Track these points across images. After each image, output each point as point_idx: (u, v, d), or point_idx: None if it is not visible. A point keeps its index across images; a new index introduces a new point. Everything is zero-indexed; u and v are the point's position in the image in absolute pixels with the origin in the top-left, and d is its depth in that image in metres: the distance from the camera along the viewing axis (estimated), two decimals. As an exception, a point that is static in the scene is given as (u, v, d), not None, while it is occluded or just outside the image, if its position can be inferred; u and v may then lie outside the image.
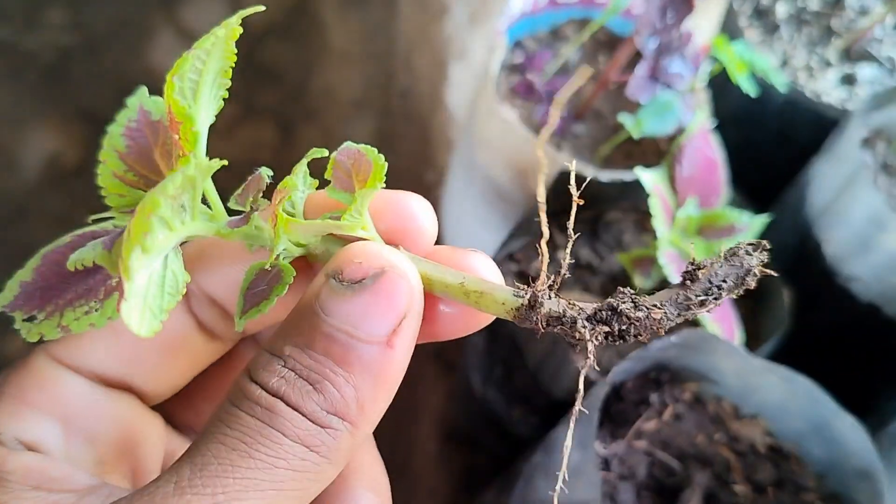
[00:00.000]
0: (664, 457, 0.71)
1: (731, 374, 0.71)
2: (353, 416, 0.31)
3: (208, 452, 0.29)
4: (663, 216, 0.76)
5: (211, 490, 0.28)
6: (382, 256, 0.32)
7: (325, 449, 0.30)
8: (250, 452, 0.29)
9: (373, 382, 0.31)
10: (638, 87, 0.84)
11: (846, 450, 0.67)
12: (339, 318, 0.31)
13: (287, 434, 0.30)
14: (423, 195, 0.38)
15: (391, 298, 0.32)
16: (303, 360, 0.31)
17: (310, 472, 0.30)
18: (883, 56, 1.00)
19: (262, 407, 0.30)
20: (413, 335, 0.33)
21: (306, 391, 0.30)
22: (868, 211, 0.79)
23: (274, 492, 0.29)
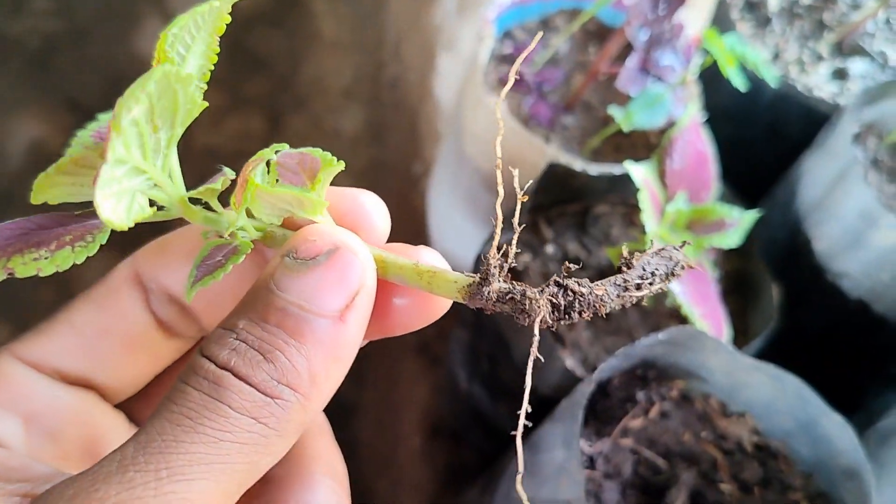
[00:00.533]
0: (650, 455, 0.70)
1: (718, 372, 0.70)
2: (305, 388, 0.31)
3: (153, 430, 0.29)
4: (652, 210, 0.74)
5: (154, 466, 0.27)
6: (336, 235, 0.33)
7: (273, 420, 0.30)
8: (195, 427, 0.28)
9: (325, 355, 0.31)
10: (628, 79, 0.83)
11: (833, 449, 0.66)
12: (293, 293, 0.31)
13: (234, 406, 0.29)
14: (410, 187, 0.39)
15: (344, 274, 0.32)
16: (255, 331, 0.31)
17: (258, 445, 0.29)
18: (875, 51, 0.99)
19: (208, 381, 0.30)
20: (366, 312, 0.33)
21: (256, 361, 0.30)
22: (858, 207, 0.78)
23: (220, 465, 0.28)
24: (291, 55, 1.92)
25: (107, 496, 0.26)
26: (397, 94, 1.51)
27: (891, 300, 0.80)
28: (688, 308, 0.71)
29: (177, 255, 0.38)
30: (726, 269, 0.88)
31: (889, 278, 0.79)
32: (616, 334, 0.83)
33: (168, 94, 0.30)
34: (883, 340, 0.83)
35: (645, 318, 0.83)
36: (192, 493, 0.27)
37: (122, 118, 0.28)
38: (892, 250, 0.77)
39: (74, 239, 0.33)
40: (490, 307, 0.34)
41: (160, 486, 0.27)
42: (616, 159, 0.89)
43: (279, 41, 1.94)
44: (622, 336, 0.82)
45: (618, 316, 0.84)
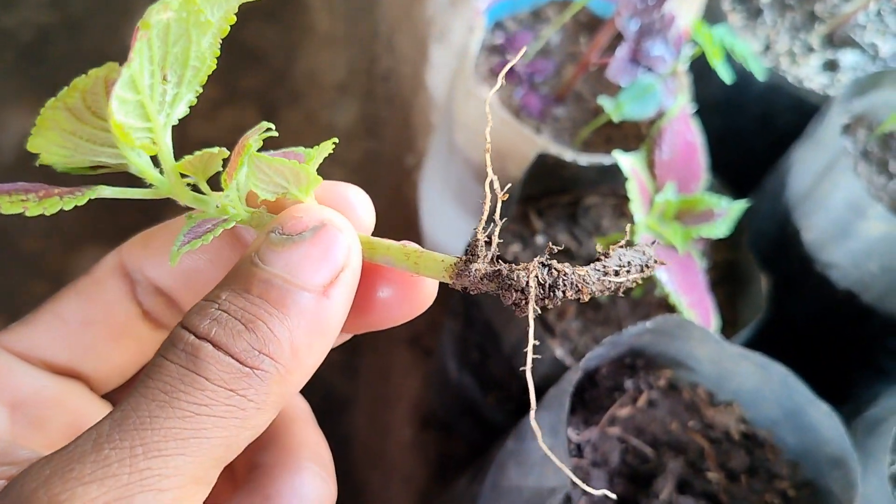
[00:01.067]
0: (638, 443, 0.70)
1: (706, 361, 0.71)
2: (286, 359, 0.30)
3: (128, 406, 0.28)
4: (641, 200, 0.75)
5: (129, 443, 0.27)
6: (322, 212, 0.33)
7: (252, 392, 0.29)
8: (170, 401, 0.28)
9: (308, 328, 0.31)
10: (619, 70, 0.83)
11: (820, 437, 0.66)
12: (277, 267, 0.31)
13: (211, 378, 0.29)
14: (403, 179, 0.39)
15: (329, 249, 0.32)
16: (237, 301, 0.31)
17: (236, 419, 0.29)
18: (866, 42, 0.99)
19: (186, 353, 0.29)
20: (350, 290, 0.33)
21: (238, 331, 0.30)
22: (847, 198, 0.79)
23: (196, 440, 0.28)
24: (286, 49, 1.91)
25: (81, 475, 0.26)
26: (390, 86, 1.51)
27: (879, 291, 0.80)
28: (676, 297, 0.72)
29: (162, 246, 0.38)
30: (715, 260, 0.89)
31: (877, 269, 0.79)
32: (605, 325, 0.83)
33: (183, 42, 0.30)
34: (871, 331, 0.83)
35: (634, 308, 0.84)
36: (168, 469, 0.27)
37: (153, 17, 0.28)
38: (881, 241, 0.77)
39: (64, 192, 0.33)
40: (476, 285, 0.34)
41: (135, 464, 0.26)
42: (607, 150, 0.89)
43: (274, 35, 1.94)
44: (611, 326, 0.83)
45: (607, 306, 0.84)
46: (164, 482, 0.27)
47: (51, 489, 0.26)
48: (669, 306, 0.81)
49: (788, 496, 0.68)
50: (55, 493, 0.26)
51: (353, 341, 0.38)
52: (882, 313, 0.81)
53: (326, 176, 0.37)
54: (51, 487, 0.26)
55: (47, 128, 0.32)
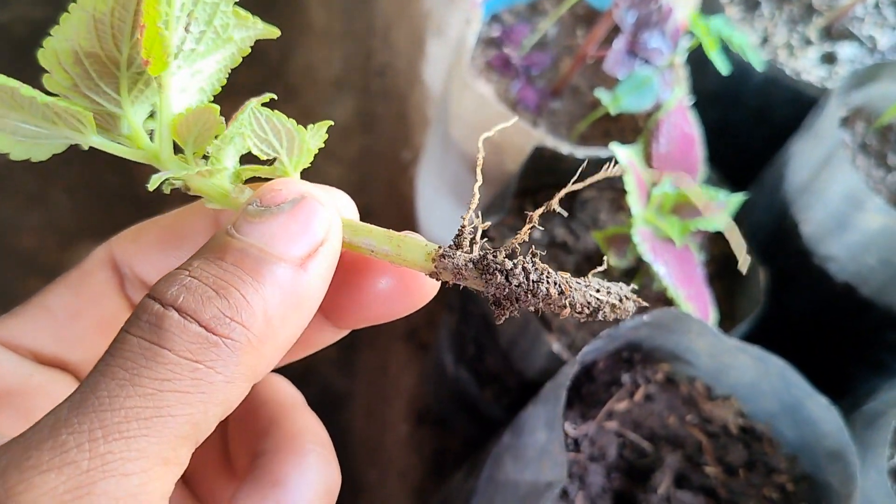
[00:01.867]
0: (635, 438, 0.70)
1: (704, 355, 0.70)
2: (258, 327, 0.28)
3: (87, 387, 0.26)
4: (638, 193, 0.74)
5: (87, 426, 0.25)
6: (303, 186, 0.32)
7: (220, 364, 0.27)
8: (131, 379, 0.26)
9: (283, 299, 0.29)
10: (616, 62, 0.82)
11: (818, 431, 0.66)
12: (254, 237, 0.30)
13: (175, 350, 0.27)
14: (399, 174, 0.39)
15: (308, 222, 0.31)
16: (209, 268, 0.29)
17: (202, 393, 0.27)
18: (864, 35, 0.98)
19: (149, 324, 0.27)
20: (329, 266, 0.31)
21: (207, 297, 0.28)
22: (846, 190, 0.78)
23: (160, 419, 0.26)
24: (282, 44, 1.90)
25: (39, 463, 0.24)
26: (386, 81, 1.50)
27: (877, 284, 0.80)
28: (673, 290, 0.71)
29: (151, 242, 0.37)
30: (713, 253, 0.88)
31: (875, 262, 0.78)
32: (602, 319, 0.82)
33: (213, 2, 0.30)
34: (869, 324, 0.82)
35: (631, 302, 0.83)
36: (130, 452, 0.25)
37: None
38: (879, 233, 0.77)
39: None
40: (461, 271, 0.33)
41: (95, 448, 0.25)
42: (604, 144, 0.89)
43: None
44: (608, 321, 0.82)
45: (604, 300, 0.83)
46: (128, 466, 0.25)
47: (7, 480, 0.24)
48: (667, 300, 0.80)
49: (787, 490, 0.68)
50: (11, 485, 0.24)
51: (349, 337, 0.38)
52: (880, 306, 0.80)
53: (323, 171, 0.36)
54: (7, 478, 0.24)
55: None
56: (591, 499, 0.66)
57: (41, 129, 0.32)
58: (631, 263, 0.83)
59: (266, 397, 0.39)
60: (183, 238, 0.37)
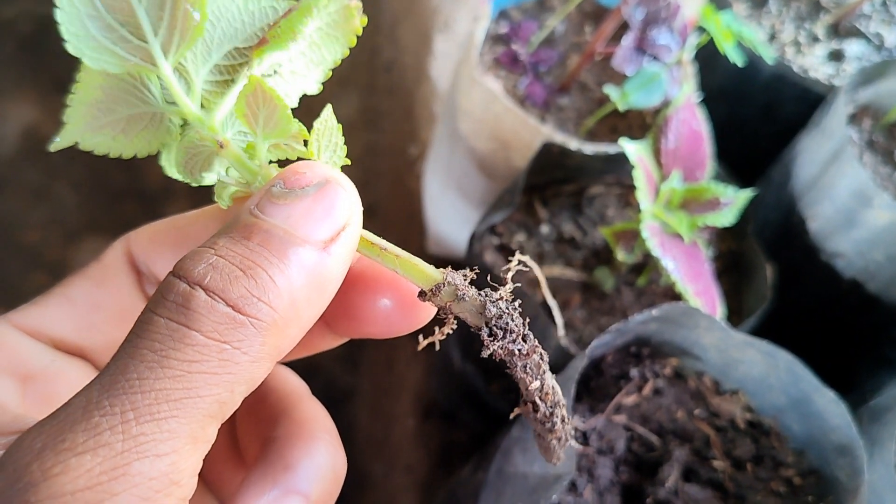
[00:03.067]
0: (643, 432, 0.70)
1: (712, 349, 0.70)
2: (284, 308, 0.29)
3: (116, 369, 0.27)
4: (647, 188, 0.74)
5: (119, 409, 0.26)
6: (328, 169, 0.32)
7: (247, 344, 0.28)
8: (160, 361, 0.27)
9: (307, 281, 0.30)
10: (624, 59, 0.82)
11: (826, 425, 0.66)
12: (279, 219, 0.30)
13: (203, 331, 0.27)
14: (406, 170, 0.41)
15: (332, 206, 0.31)
16: (236, 248, 0.29)
17: (230, 374, 0.27)
18: (871, 32, 0.98)
19: (176, 304, 0.28)
20: (351, 249, 0.32)
21: (235, 276, 0.28)
22: (853, 187, 0.78)
23: (190, 400, 0.26)
24: (287, 41, 1.90)
25: (74, 445, 0.25)
26: (393, 77, 1.51)
27: (884, 280, 0.80)
28: (682, 285, 0.71)
29: (169, 244, 0.38)
30: (721, 249, 0.88)
31: (883, 258, 0.79)
32: (610, 314, 0.83)
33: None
34: (876, 320, 0.83)
35: (639, 297, 0.83)
36: (162, 434, 0.26)
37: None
38: (886, 230, 0.77)
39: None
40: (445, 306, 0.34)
41: (128, 430, 0.25)
42: (612, 140, 0.89)
43: (274, 27, 1.93)
44: (616, 316, 0.82)
45: (612, 296, 0.84)
46: (160, 447, 0.26)
47: (44, 462, 0.25)
48: (675, 296, 0.80)
49: (794, 484, 0.68)
50: (48, 467, 0.25)
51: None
52: (887, 302, 0.81)
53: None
54: (44, 461, 0.25)
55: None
56: (600, 492, 0.66)
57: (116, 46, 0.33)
58: (639, 259, 0.83)
59: (274, 386, 0.40)
60: (199, 241, 0.38)
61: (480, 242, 0.84)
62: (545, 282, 0.79)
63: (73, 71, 0.35)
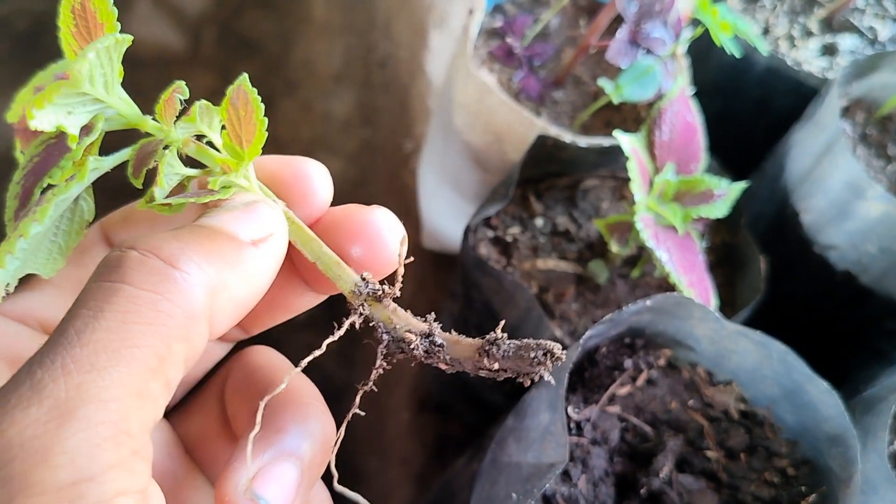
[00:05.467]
0: (637, 422, 0.70)
1: (705, 340, 0.71)
2: (213, 272, 0.31)
3: (55, 332, 0.28)
4: (641, 181, 0.75)
5: (60, 362, 0.26)
6: (254, 198, 0.36)
7: (180, 298, 0.29)
8: (94, 315, 0.28)
9: (234, 262, 0.32)
10: (618, 52, 0.82)
11: (819, 415, 0.66)
12: (212, 221, 0.34)
13: (135, 283, 0.28)
14: (401, 165, 0.43)
15: (260, 217, 0.35)
16: (170, 233, 0.32)
17: (164, 326, 0.28)
18: (864, 26, 0.99)
19: (108, 267, 0.29)
20: (278, 254, 0.35)
21: (165, 238, 0.31)
22: (846, 179, 0.79)
23: (127, 350, 0.27)
24: (282, 38, 1.90)
25: (19, 401, 0.26)
26: (388, 73, 1.51)
27: (877, 272, 0.80)
28: (675, 277, 0.72)
29: (139, 220, 0.41)
30: (714, 242, 0.89)
31: (876, 250, 0.79)
32: (604, 306, 0.83)
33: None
34: (869, 312, 0.83)
35: (633, 289, 0.84)
36: (103, 381, 0.26)
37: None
38: (879, 222, 0.77)
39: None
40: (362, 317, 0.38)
41: (69, 380, 0.26)
42: (606, 133, 0.89)
43: (270, 24, 1.93)
44: (611, 308, 0.83)
45: (606, 288, 0.84)
46: (104, 393, 0.26)
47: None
48: (669, 288, 0.81)
49: (788, 474, 0.68)
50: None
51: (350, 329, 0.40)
52: (880, 294, 0.81)
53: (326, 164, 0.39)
54: None
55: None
56: (594, 482, 0.67)
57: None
58: (633, 251, 0.83)
59: (260, 363, 0.42)
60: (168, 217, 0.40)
61: (475, 235, 0.85)
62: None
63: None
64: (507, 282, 0.77)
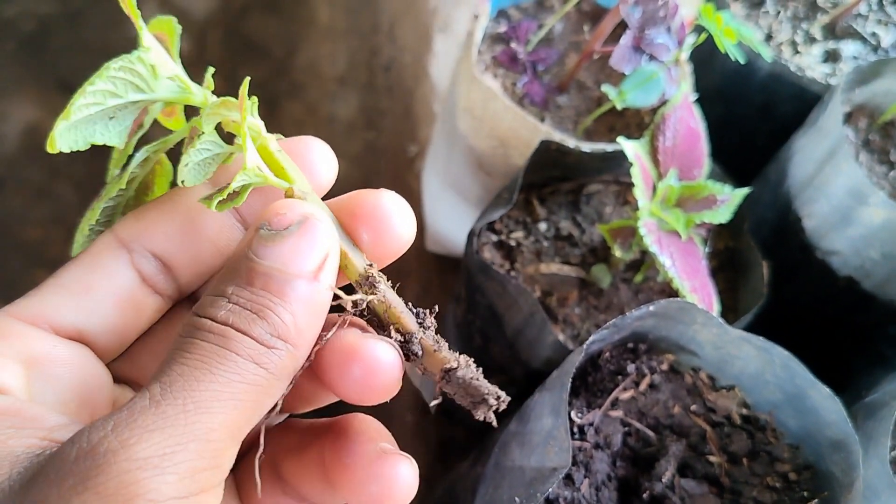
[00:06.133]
0: (640, 427, 0.71)
1: (708, 345, 0.71)
2: (293, 339, 0.36)
3: (173, 373, 0.33)
4: (644, 186, 0.75)
5: (182, 401, 0.32)
6: (303, 207, 0.38)
7: (272, 366, 0.35)
8: (210, 370, 0.33)
9: (305, 310, 0.36)
10: (622, 58, 0.83)
11: (821, 420, 0.67)
12: (272, 259, 0.36)
13: (240, 353, 0.34)
14: (405, 169, 0.46)
15: (314, 240, 0.37)
16: (244, 294, 0.36)
17: (261, 386, 0.35)
18: (867, 32, 0.99)
19: (214, 333, 0.34)
20: (334, 272, 0.38)
21: (251, 319, 0.35)
22: (849, 185, 0.79)
23: (233, 402, 0.33)
24: (287, 40, 1.91)
25: (145, 424, 0.31)
26: (392, 76, 1.51)
27: (879, 278, 0.81)
28: (678, 282, 0.72)
29: (155, 217, 0.42)
30: (717, 247, 0.89)
31: (878, 256, 0.79)
32: (607, 311, 0.83)
33: None
34: (872, 318, 0.83)
35: (636, 294, 0.84)
36: (213, 424, 0.32)
37: None
38: (882, 228, 0.78)
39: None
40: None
41: (188, 416, 0.32)
42: (610, 139, 0.90)
43: (275, 27, 1.94)
44: (614, 312, 0.83)
45: (609, 293, 0.84)
46: (212, 434, 0.32)
47: (120, 435, 0.31)
48: (671, 293, 0.81)
49: (790, 479, 0.69)
50: (125, 438, 0.30)
51: None
52: (883, 300, 0.81)
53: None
54: (120, 434, 0.31)
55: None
56: (597, 486, 0.67)
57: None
58: (636, 256, 0.84)
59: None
60: (179, 211, 0.42)
61: (479, 239, 0.85)
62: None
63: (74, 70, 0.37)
64: (510, 286, 0.77)
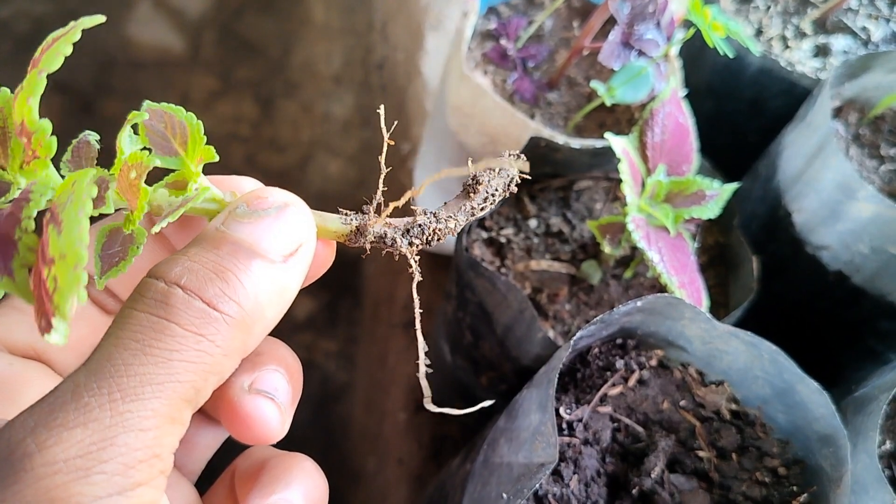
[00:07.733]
0: (629, 422, 0.71)
1: (696, 340, 0.71)
2: (251, 308, 0.33)
3: (101, 356, 0.30)
4: (633, 182, 0.75)
5: (107, 390, 0.29)
6: (286, 195, 0.36)
7: (220, 338, 0.32)
8: (143, 349, 0.30)
9: (270, 287, 0.34)
10: (611, 54, 0.83)
11: (810, 415, 0.67)
12: (244, 235, 0.34)
13: (181, 324, 0.31)
14: (398, 167, 0.45)
15: (292, 226, 0.35)
16: (208, 255, 0.33)
17: (204, 363, 0.31)
18: (857, 27, 0.99)
19: (155, 300, 0.31)
20: (306, 264, 0.36)
21: (208, 277, 0.32)
22: (838, 179, 0.79)
23: (170, 384, 0.30)
24: (282, 40, 1.91)
25: (65, 421, 0.28)
26: (385, 74, 1.51)
27: (869, 272, 0.81)
28: (666, 277, 0.72)
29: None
30: (707, 242, 0.89)
31: (868, 250, 0.79)
32: (598, 307, 0.83)
33: None
34: (861, 312, 0.83)
35: (626, 290, 0.84)
36: (145, 412, 0.29)
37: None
38: (871, 222, 0.78)
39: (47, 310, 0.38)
40: (367, 249, 0.39)
41: (115, 408, 0.29)
42: (600, 135, 0.90)
43: (270, 26, 1.94)
44: (604, 308, 0.83)
45: (599, 289, 0.84)
46: (144, 423, 0.29)
47: (38, 436, 0.28)
48: (661, 289, 0.81)
49: (779, 474, 0.69)
50: (42, 440, 0.27)
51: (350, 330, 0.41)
52: (872, 294, 0.81)
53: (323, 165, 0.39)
54: (38, 435, 0.28)
55: None
56: (586, 482, 0.67)
57: None
58: (625, 252, 0.84)
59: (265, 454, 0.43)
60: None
61: (469, 236, 0.85)
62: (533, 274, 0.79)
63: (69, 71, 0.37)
64: (500, 283, 0.77)
